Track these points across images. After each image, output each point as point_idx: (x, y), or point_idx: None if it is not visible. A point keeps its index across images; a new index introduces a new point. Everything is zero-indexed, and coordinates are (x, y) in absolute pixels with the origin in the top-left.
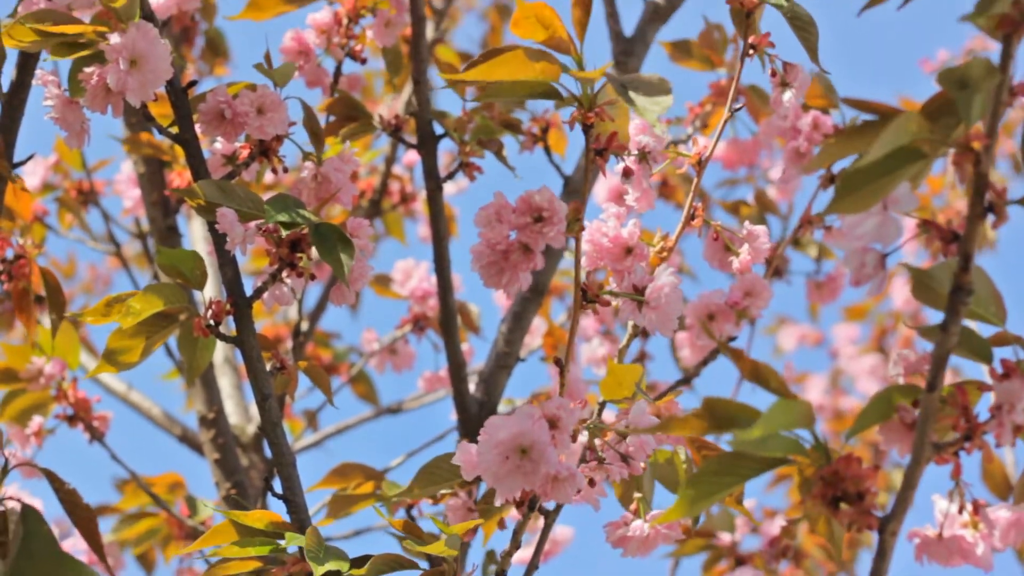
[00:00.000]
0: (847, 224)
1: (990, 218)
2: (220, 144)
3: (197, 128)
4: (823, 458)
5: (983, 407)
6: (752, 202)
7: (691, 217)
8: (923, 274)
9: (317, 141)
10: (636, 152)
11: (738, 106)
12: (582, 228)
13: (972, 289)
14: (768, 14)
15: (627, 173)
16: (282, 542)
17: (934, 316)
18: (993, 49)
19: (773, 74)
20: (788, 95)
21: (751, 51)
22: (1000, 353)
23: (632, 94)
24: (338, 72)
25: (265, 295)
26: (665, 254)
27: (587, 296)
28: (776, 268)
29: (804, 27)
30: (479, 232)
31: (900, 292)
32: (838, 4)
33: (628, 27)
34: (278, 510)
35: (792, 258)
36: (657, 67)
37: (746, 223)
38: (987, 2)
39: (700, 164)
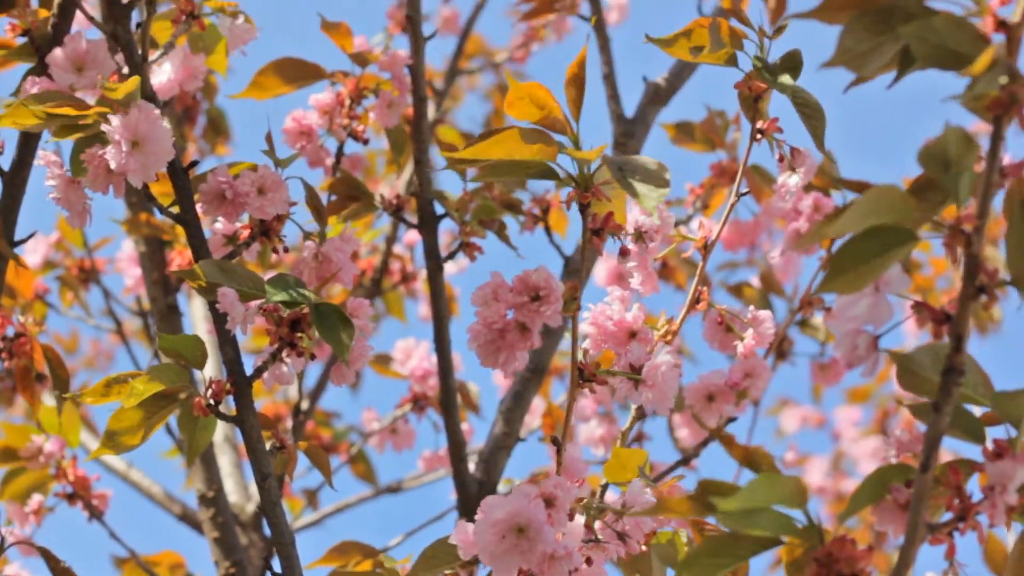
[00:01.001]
0: (840, 306)
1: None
2: (221, 224)
3: (198, 208)
4: (816, 538)
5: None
6: (756, 283)
7: (696, 301)
8: (906, 359)
9: (320, 219)
10: (633, 232)
11: (744, 191)
12: (579, 307)
13: (964, 370)
14: (774, 96)
15: (624, 253)
16: None
17: None
18: None
19: (780, 159)
20: (795, 180)
21: (759, 136)
22: (992, 433)
23: (630, 179)
24: (340, 153)
25: (265, 374)
26: (669, 338)
27: (584, 375)
28: (780, 350)
29: (812, 114)
30: (476, 311)
31: None
32: (839, 87)
33: (629, 108)
34: None
35: (796, 339)
36: (658, 148)
37: (751, 308)
38: (977, 83)
39: (705, 248)
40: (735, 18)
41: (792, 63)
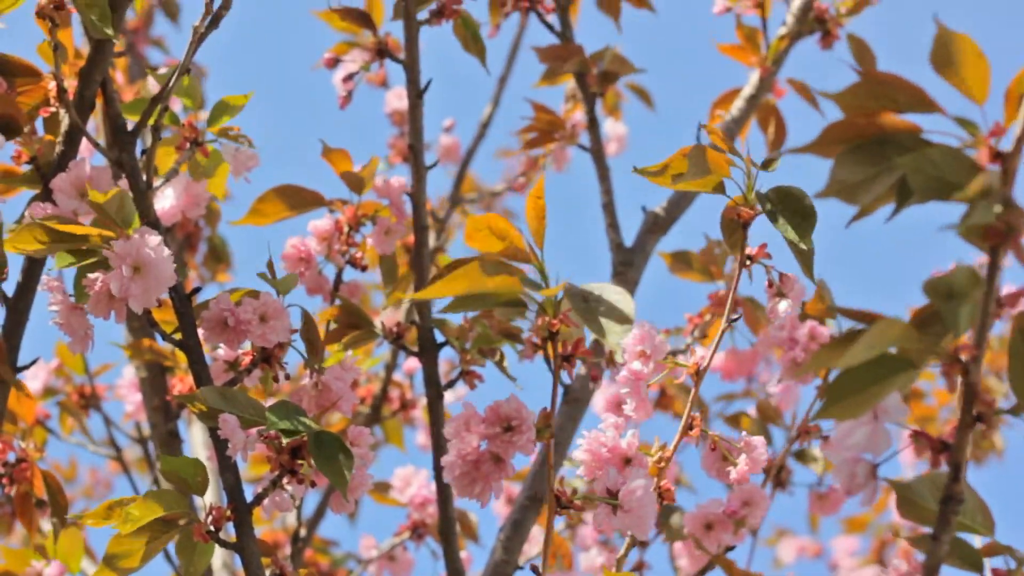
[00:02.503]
0: (838, 434)
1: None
2: (223, 351)
3: (200, 334)
4: None
5: None
6: (753, 413)
7: (689, 427)
8: (906, 488)
9: (314, 351)
10: (605, 357)
11: (735, 317)
12: (552, 435)
13: (963, 499)
14: (763, 222)
15: (594, 378)
16: None
17: None
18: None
19: (770, 285)
20: (784, 305)
21: (748, 262)
22: (991, 563)
23: (595, 314)
24: (338, 279)
25: (266, 501)
26: (664, 464)
27: (561, 502)
28: (778, 479)
29: (799, 246)
30: (449, 444)
31: None
32: (847, 215)
33: (628, 237)
34: None
35: (794, 469)
36: (656, 277)
37: (743, 433)
38: (974, 213)
39: (698, 374)
40: (722, 147)
41: (790, 197)
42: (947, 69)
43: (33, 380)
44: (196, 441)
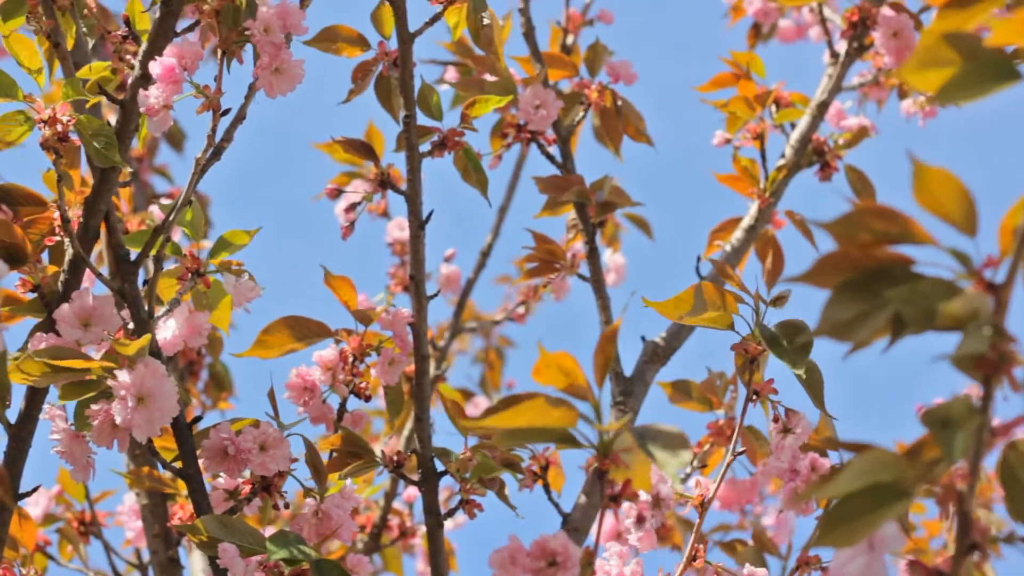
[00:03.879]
0: (836, 563)
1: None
2: (223, 479)
3: (201, 463)
4: None
5: None
6: (750, 541)
7: (692, 559)
8: None
9: (320, 478)
10: (650, 499)
11: (740, 450)
12: (593, 573)
13: None
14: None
15: (640, 520)
16: None
17: None
18: None
19: (776, 420)
20: (790, 440)
21: (755, 397)
22: None
23: (651, 446)
24: (342, 409)
25: None
26: None
27: None
28: None
29: (810, 375)
30: (493, 574)
31: None
32: (835, 350)
33: (628, 367)
34: None
35: None
36: (656, 407)
37: (747, 565)
38: (967, 343)
39: (702, 507)
40: (730, 283)
41: (794, 331)
42: (931, 204)
43: (34, 507)
44: (196, 568)
